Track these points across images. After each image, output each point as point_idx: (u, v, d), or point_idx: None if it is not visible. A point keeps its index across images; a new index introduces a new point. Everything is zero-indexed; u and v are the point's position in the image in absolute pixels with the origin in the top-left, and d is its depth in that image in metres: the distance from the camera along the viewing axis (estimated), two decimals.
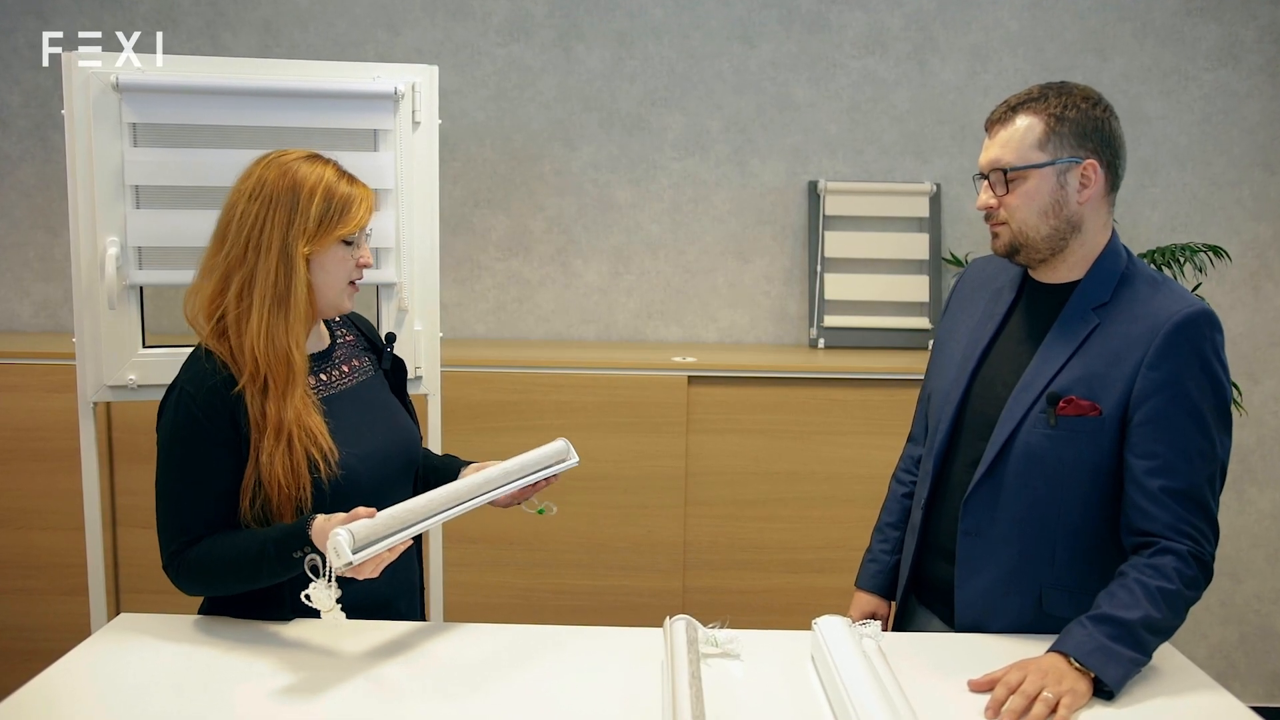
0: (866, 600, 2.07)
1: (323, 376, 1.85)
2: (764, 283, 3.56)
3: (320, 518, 1.61)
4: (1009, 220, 1.74)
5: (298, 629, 1.75)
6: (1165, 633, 1.62)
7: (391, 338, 2.03)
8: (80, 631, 1.92)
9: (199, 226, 2.54)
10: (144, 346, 2.64)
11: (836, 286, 3.47)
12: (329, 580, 1.55)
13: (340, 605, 1.57)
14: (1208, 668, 3.09)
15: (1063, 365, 1.72)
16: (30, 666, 1.62)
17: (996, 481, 1.76)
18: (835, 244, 3.47)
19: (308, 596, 1.55)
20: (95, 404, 2.64)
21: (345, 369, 1.90)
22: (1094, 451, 1.70)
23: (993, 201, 1.75)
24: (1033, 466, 1.73)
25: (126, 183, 2.54)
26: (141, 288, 2.64)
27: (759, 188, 3.52)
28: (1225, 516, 3.52)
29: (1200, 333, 1.66)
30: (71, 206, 2.52)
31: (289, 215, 1.73)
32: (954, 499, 1.83)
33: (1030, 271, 1.84)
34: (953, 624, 1.84)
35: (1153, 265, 3.30)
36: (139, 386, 2.63)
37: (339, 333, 1.95)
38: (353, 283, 1.83)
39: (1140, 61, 3.48)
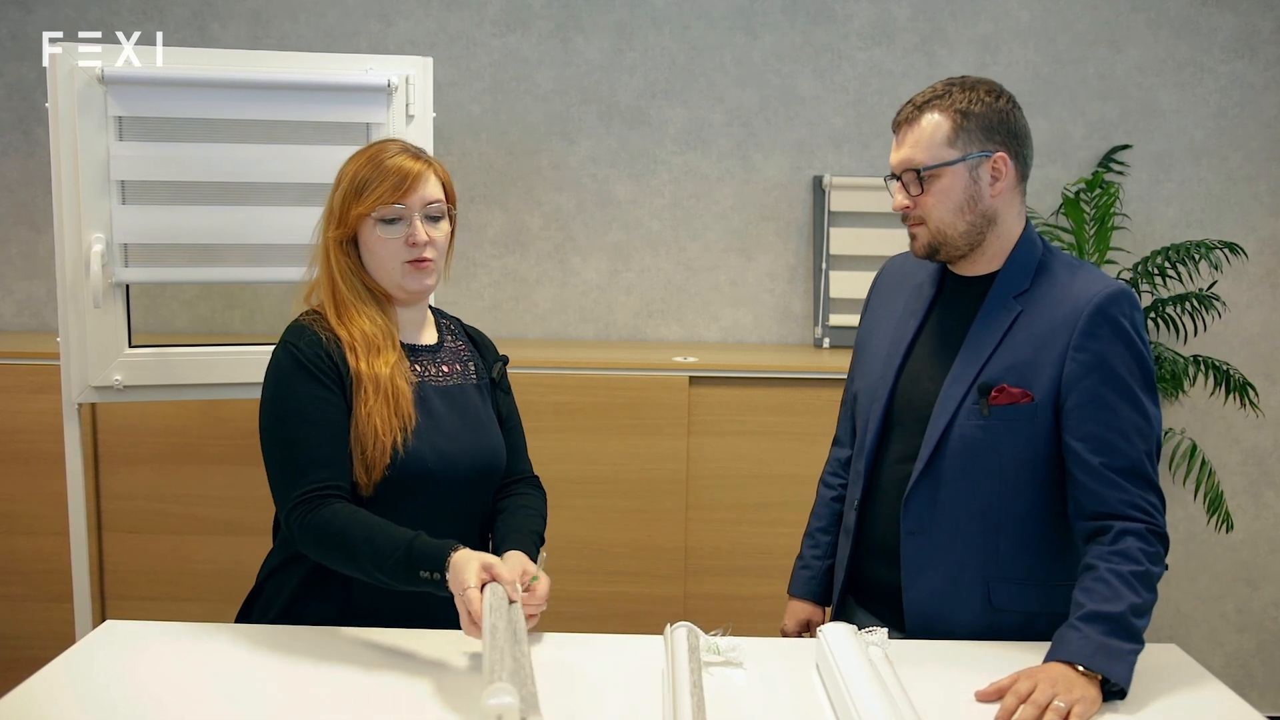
0: (801, 607, 2.08)
1: (417, 368, 1.87)
2: (767, 280, 3.53)
3: (465, 552, 1.61)
4: (926, 220, 1.78)
5: (288, 635, 1.74)
6: (1147, 614, 1.63)
7: (504, 359, 2.04)
8: (65, 639, 1.91)
9: (187, 222, 2.63)
10: (130, 346, 2.63)
11: (842, 284, 3.44)
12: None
13: None
14: (1224, 676, 3.04)
15: (990, 355, 1.75)
16: (13, 675, 1.60)
17: (935, 478, 1.77)
18: (841, 241, 3.44)
19: None
20: (80, 405, 2.63)
21: (445, 369, 1.92)
22: (1030, 438, 1.73)
23: (908, 202, 1.78)
24: (970, 459, 1.75)
25: (112, 178, 2.54)
26: (128, 286, 2.63)
27: (762, 183, 3.49)
28: (1242, 521, 3.52)
29: (1121, 310, 1.70)
30: (56, 202, 2.51)
31: (330, 204, 1.84)
32: (889, 499, 1.84)
33: (949, 265, 1.87)
34: (894, 625, 1.84)
35: (1166, 263, 3.28)
36: (125, 387, 2.62)
37: (448, 338, 1.97)
38: (413, 262, 1.82)
39: (1154, 53, 3.44)
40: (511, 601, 1.54)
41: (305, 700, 1.54)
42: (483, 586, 1.56)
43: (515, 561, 1.73)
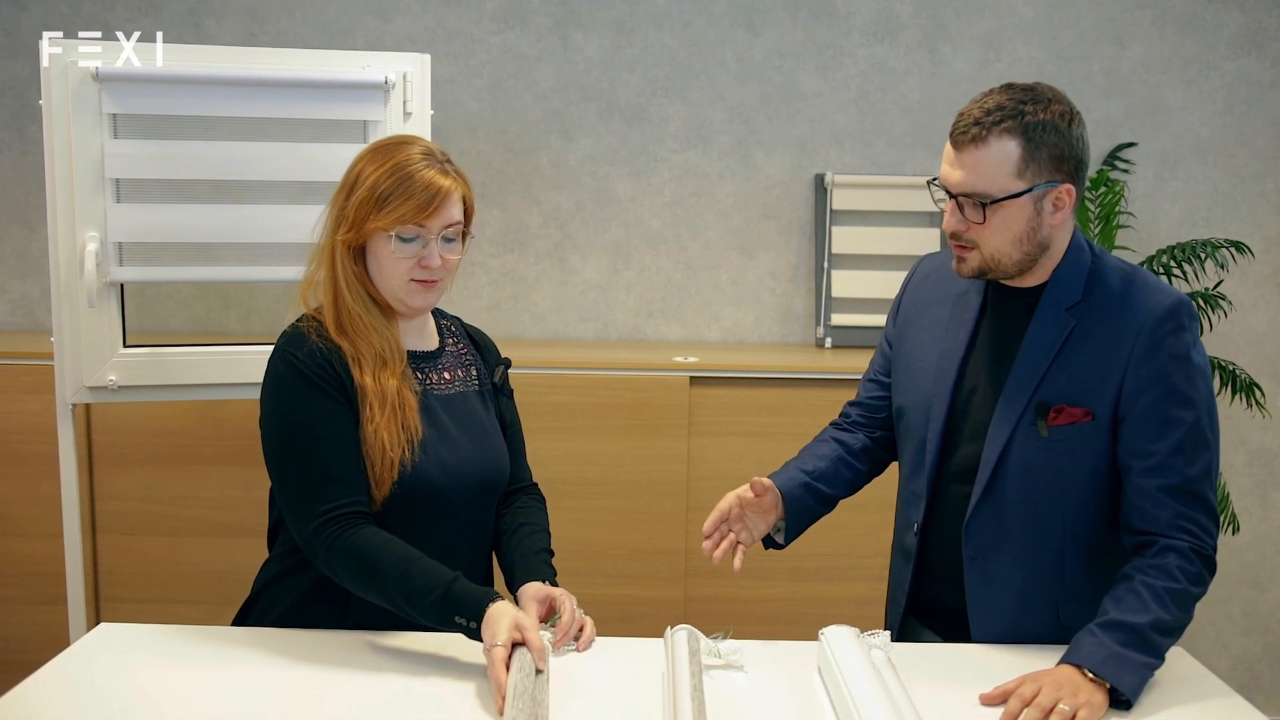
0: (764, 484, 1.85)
1: (419, 375, 1.81)
2: (769, 280, 3.50)
3: (501, 605, 1.58)
4: (980, 245, 1.68)
5: (286, 638, 1.73)
6: (1176, 633, 1.61)
7: (507, 363, 1.99)
8: (59, 642, 1.90)
9: (182, 221, 2.61)
10: (125, 346, 2.62)
11: (844, 284, 3.41)
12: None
13: None
14: (1230, 679, 3.01)
15: (1046, 372, 1.69)
16: (6, 678, 1.59)
17: (997, 501, 1.73)
18: (843, 239, 3.41)
19: None
20: (74, 405, 2.62)
21: (448, 375, 1.86)
22: (1091, 457, 1.69)
23: (963, 227, 1.69)
24: (1031, 481, 1.71)
25: (106, 176, 2.53)
26: (122, 285, 2.62)
27: (764, 181, 3.46)
28: (1248, 523, 3.48)
29: (1181, 324, 1.66)
30: (49, 201, 2.50)
31: (343, 201, 1.74)
32: (950, 520, 1.80)
33: None
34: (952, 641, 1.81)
35: (1172, 262, 3.25)
36: (119, 387, 2.60)
37: (449, 340, 1.91)
38: (420, 281, 1.74)
39: (1160, 50, 3.42)
40: (539, 671, 1.52)
41: (302, 703, 1.53)
42: (512, 648, 1.53)
43: (533, 595, 1.74)
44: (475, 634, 1.57)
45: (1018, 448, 1.70)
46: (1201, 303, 3.28)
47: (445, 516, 1.77)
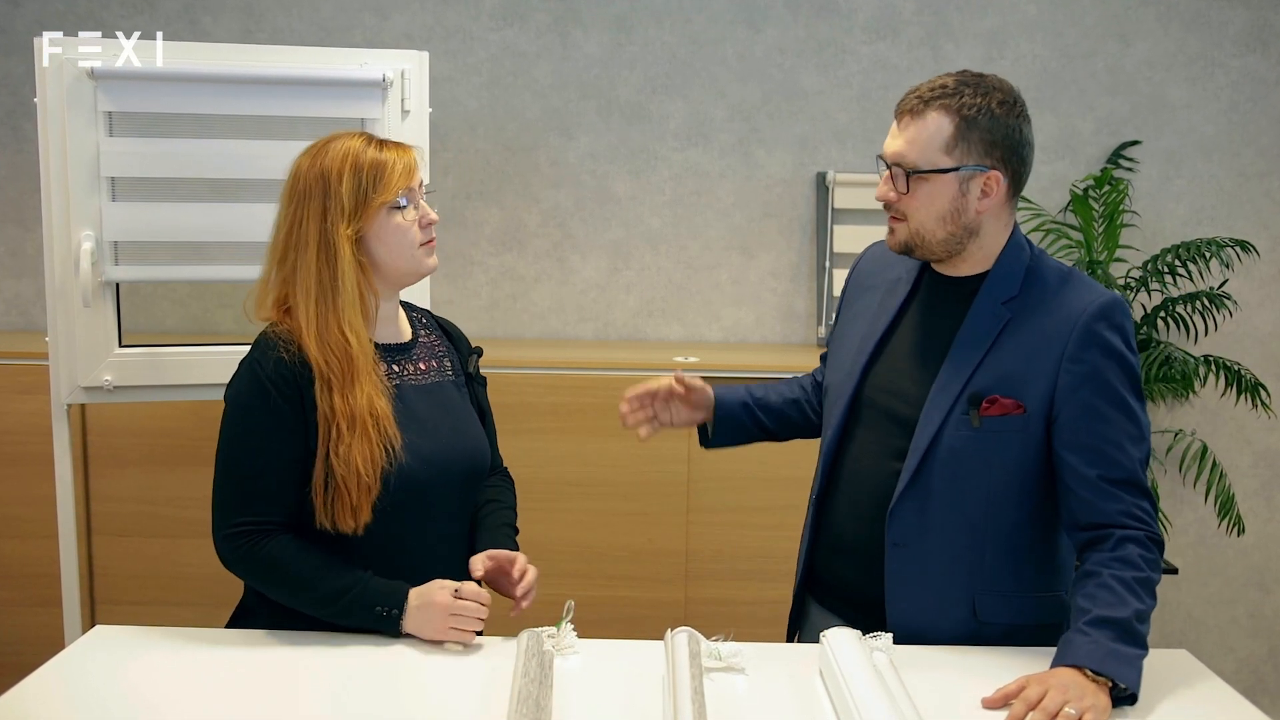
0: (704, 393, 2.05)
1: (395, 368, 1.83)
2: (770, 279, 3.49)
3: (419, 587, 1.70)
4: (907, 218, 1.73)
5: (281, 640, 1.74)
6: (1149, 620, 1.62)
7: (479, 351, 2.01)
8: (54, 644, 1.90)
9: (178, 220, 2.59)
10: (120, 346, 2.61)
11: None
12: None
13: None
14: (1234, 682, 2.98)
15: (979, 363, 1.72)
16: (1, 681, 1.59)
17: (923, 489, 1.74)
18: (844, 238, 3.40)
19: None
20: (69, 406, 2.61)
21: (423, 366, 1.88)
22: (1020, 450, 1.71)
23: (892, 195, 1.73)
24: (959, 471, 1.72)
25: (102, 174, 2.52)
26: (118, 284, 2.60)
27: (765, 179, 3.45)
28: (1253, 524, 3.49)
29: (1114, 321, 1.69)
30: (44, 199, 2.49)
31: (322, 204, 1.74)
32: (858, 499, 1.83)
33: (930, 262, 1.82)
34: (856, 627, 1.80)
35: (1176, 261, 3.23)
36: (115, 388, 2.59)
37: (421, 332, 1.93)
38: (426, 243, 1.82)
39: (1165, 47, 3.41)
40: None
41: (298, 705, 1.53)
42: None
43: (480, 554, 1.80)
44: (395, 623, 1.68)
45: (948, 437, 1.71)
46: (1206, 302, 3.26)
47: (434, 508, 1.80)
